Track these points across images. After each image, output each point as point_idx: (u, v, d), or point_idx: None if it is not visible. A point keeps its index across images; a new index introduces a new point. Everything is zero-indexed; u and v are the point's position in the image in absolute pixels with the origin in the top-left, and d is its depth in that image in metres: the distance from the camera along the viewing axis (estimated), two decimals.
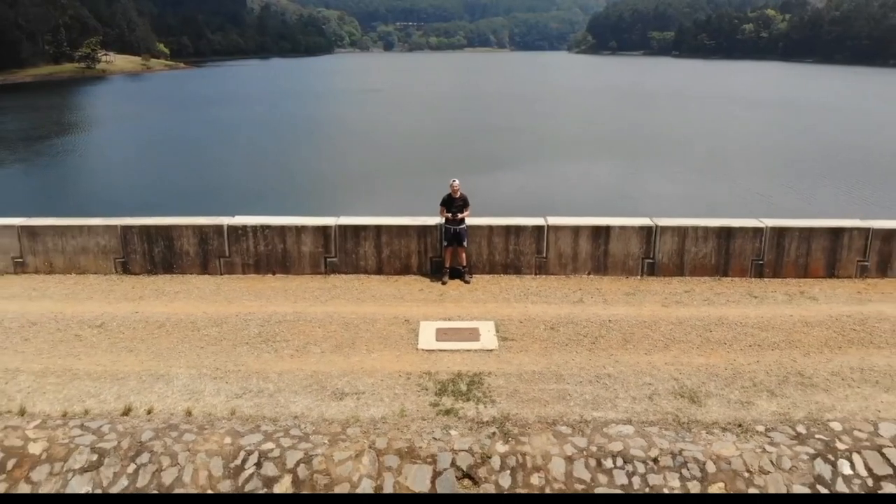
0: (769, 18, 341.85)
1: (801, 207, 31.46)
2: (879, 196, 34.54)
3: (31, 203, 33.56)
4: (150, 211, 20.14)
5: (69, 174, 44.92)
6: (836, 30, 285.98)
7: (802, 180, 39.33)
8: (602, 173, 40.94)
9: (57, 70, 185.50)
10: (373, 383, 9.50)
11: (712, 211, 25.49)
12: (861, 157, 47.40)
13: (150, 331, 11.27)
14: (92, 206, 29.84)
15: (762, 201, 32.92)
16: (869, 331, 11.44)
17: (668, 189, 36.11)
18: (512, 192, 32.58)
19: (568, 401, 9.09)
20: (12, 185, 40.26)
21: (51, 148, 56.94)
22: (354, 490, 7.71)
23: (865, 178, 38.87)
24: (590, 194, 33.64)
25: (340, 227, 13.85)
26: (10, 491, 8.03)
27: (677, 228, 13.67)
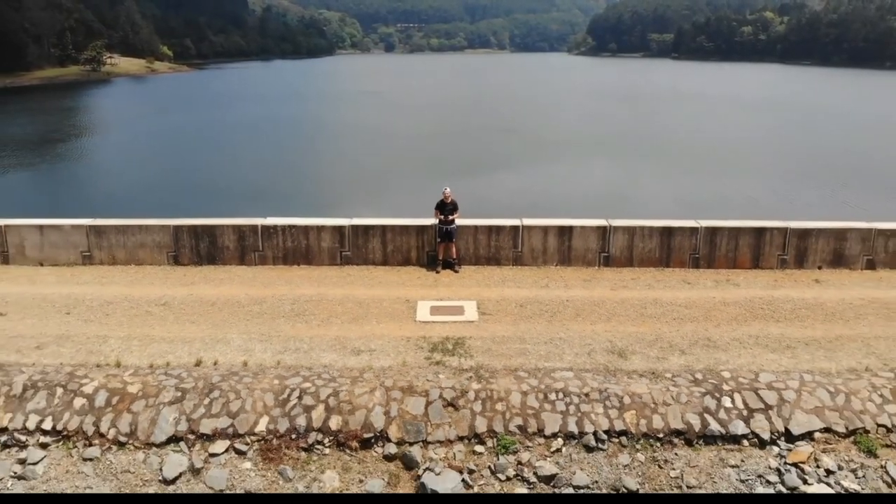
0: (767, 21, 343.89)
1: (781, 207, 34.58)
2: (856, 197, 37.73)
3: (60, 202, 36.72)
4: (169, 209, 23.25)
5: (93, 175, 48.10)
6: (833, 32, 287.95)
7: (787, 181, 42.60)
8: (586, 175, 44.14)
9: (62, 73, 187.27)
10: (381, 344, 12.55)
11: (691, 211, 28.57)
12: (848, 160, 50.76)
13: (204, 308, 14.32)
14: (115, 205, 33.07)
15: (743, 201, 36.07)
16: (773, 309, 14.47)
17: (652, 190, 39.26)
18: (497, 194, 35.82)
19: (527, 356, 12.12)
20: (50, 187, 43.55)
21: (72, 150, 60.17)
22: (367, 416, 10.72)
23: (854, 180, 42.27)
24: (570, 195, 36.79)
25: (353, 227, 16.88)
26: (116, 419, 11.02)
27: (627, 228, 16.71)
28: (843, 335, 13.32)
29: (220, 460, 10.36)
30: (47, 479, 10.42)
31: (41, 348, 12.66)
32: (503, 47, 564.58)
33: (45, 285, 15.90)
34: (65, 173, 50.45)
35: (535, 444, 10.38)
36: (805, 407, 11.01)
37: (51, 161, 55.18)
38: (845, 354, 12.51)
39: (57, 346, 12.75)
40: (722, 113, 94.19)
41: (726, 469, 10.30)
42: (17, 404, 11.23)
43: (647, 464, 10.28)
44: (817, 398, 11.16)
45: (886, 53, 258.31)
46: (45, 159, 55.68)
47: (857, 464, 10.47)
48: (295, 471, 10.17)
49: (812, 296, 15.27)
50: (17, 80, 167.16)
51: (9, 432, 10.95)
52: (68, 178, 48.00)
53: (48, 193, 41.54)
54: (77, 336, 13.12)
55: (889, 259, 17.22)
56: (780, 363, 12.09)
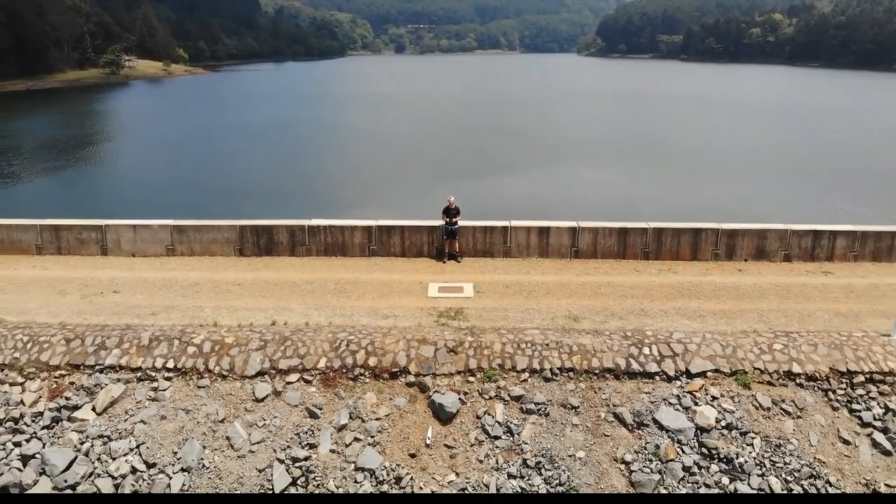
0: (776, 23, 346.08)
1: (770, 209, 39.24)
2: (843, 199, 42.39)
3: (111, 201, 41.74)
4: (201, 209, 28.06)
5: (127, 177, 53.21)
6: (841, 34, 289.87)
7: (779, 184, 47.50)
8: (577, 178, 49.02)
9: (83, 76, 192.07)
10: (403, 311, 17.29)
11: (678, 213, 33.44)
12: (843, 163, 55.64)
13: (269, 287, 19.11)
14: (143, 206, 37.99)
15: (736, 204, 40.79)
16: (698, 291, 19.12)
17: (642, 193, 44.03)
18: (494, 196, 41.14)
19: (507, 320, 16.83)
20: (88, 187, 48.66)
21: (108, 152, 65.48)
22: (394, 357, 15.42)
23: (844, 183, 47.24)
24: (561, 197, 41.86)
25: (378, 227, 21.63)
26: (219, 360, 15.74)
27: (592, 228, 21.38)
28: (745, 308, 17.97)
29: (293, 386, 15.11)
30: (174, 400, 15.18)
31: (155, 315, 17.48)
32: (513, 48, 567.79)
33: (141, 271, 20.74)
34: (101, 174, 55.67)
35: (510, 376, 15.08)
36: (702, 355, 15.65)
37: (92, 162, 60.51)
38: (742, 321, 17.16)
39: (166, 313, 17.56)
40: (724, 116, 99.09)
41: (641, 395, 14.97)
42: (147, 351, 16.01)
43: (586, 390, 14.97)
44: (712, 349, 15.80)
45: (894, 55, 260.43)
46: (91, 160, 61.08)
47: (734, 393, 15.10)
48: (346, 392, 14.92)
49: (732, 281, 19.93)
50: (38, 82, 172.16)
51: (143, 370, 15.72)
52: (105, 179, 53.18)
53: (101, 194, 46.64)
54: (179, 306, 17.93)
55: (802, 253, 21.82)
56: (690, 326, 16.74)
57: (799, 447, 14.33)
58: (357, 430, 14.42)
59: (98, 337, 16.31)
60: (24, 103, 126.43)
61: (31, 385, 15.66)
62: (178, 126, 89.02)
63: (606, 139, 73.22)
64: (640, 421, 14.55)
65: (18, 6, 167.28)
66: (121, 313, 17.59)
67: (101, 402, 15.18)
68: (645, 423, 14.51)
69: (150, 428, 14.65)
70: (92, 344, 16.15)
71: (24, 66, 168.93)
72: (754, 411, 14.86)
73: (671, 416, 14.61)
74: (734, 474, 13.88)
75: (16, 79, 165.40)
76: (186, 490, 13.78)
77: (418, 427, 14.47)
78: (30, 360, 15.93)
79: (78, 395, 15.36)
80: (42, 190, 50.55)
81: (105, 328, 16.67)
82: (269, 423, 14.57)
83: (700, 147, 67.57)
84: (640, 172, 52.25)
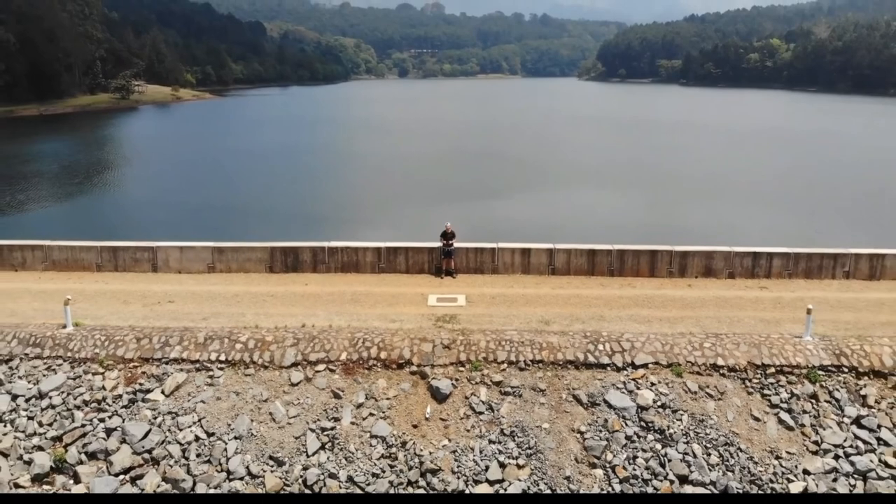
0: (774, 48, 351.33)
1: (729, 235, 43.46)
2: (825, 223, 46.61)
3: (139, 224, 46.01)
4: (223, 229, 32.21)
5: (146, 200, 57.61)
6: (838, 59, 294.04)
7: (760, 207, 51.61)
8: (566, 202, 53.32)
9: (94, 100, 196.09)
10: (407, 317, 21.35)
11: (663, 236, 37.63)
12: (834, 189, 60.08)
13: (297, 297, 23.20)
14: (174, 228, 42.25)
15: (715, 226, 44.99)
16: (650, 302, 23.16)
17: (621, 215, 48.22)
18: (486, 218, 45.39)
19: (492, 323, 20.88)
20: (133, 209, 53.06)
21: (131, 177, 70.02)
22: (401, 352, 19.42)
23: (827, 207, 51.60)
24: (548, 220, 46.10)
25: (387, 248, 25.77)
26: (261, 354, 19.76)
27: (566, 249, 25.49)
28: (687, 315, 22.01)
29: (321, 374, 19.13)
30: (226, 385, 19.19)
31: (206, 319, 21.55)
32: (514, 72, 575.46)
33: (188, 285, 24.86)
34: (125, 198, 60.17)
35: (492, 366, 19.10)
36: (645, 351, 19.66)
37: (116, 187, 65.00)
38: (682, 325, 21.18)
39: (215, 318, 21.63)
40: (715, 141, 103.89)
41: (595, 381, 18.96)
42: (203, 347, 20.04)
43: (552, 377, 18.97)
44: (653, 346, 19.81)
45: (890, 80, 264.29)
46: (115, 185, 65.63)
47: (669, 380, 19.09)
48: (362, 379, 18.94)
49: (680, 294, 23.99)
50: (51, 107, 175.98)
51: (200, 362, 19.74)
52: (127, 202, 57.63)
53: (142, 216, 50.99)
54: (225, 313, 22.02)
55: (744, 271, 25.87)
56: (639, 329, 20.77)
57: (718, 422, 18.30)
58: (371, 407, 18.43)
59: (162, 336, 20.38)
60: (40, 128, 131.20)
61: (111, 374, 19.70)
62: (194, 151, 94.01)
63: (597, 164, 78.24)
64: (593, 401, 18.55)
65: (33, 33, 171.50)
66: (178, 318, 21.67)
67: (168, 386, 19.21)
68: (597, 403, 18.51)
69: (208, 406, 18.68)
70: (158, 342, 20.22)
71: (37, 91, 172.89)
72: (684, 394, 18.85)
73: (618, 397, 18.61)
74: (665, 442, 17.85)
75: (29, 104, 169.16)
76: (238, 452, 17.75)
77: (419, 405, 18.48)
78: (108, 355, 19.98)
79: (149, 382, 19.40)
80: (74, 212, 54.99)
81: (167, 329, 20.74)
82: (303, 402, 18.59)
83: (687, 172, 72.10)
84: (625, 196, 56.87)
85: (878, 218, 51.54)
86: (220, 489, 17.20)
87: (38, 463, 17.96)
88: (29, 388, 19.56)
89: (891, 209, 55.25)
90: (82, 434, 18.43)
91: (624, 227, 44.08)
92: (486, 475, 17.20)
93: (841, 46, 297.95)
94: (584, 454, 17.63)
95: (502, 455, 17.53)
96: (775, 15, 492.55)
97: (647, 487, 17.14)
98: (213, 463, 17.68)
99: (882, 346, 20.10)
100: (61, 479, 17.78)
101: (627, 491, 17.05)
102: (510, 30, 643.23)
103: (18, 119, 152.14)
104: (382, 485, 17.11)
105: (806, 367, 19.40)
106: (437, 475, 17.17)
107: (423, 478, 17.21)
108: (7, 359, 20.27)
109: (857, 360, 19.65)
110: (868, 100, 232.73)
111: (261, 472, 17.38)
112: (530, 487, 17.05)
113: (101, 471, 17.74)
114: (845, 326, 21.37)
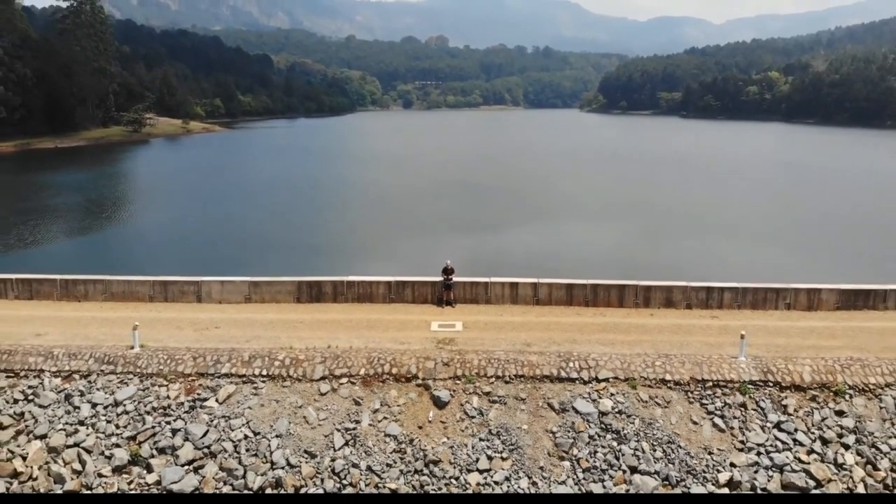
0: (772, 81, 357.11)
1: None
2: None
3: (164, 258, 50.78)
4: (248, 263, 37.03)
5: (160, 233, 62.60)
6: (836, 92, 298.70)
7: (745, 243, 56.24)
8: (554, 236, 58.16)
9: (106, 133, 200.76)
10: (413, 340, 25.99)
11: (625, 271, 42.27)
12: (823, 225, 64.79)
13: (322, 324, 27.86)
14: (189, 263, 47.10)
15: (682, 261, 49.57)
16: (616, 328, 27.76)
17: (603, 249, 53.01)
18: (480, 253, 50.20)
19: (484, 345, 25.49)
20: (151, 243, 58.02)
21: (152, 210, 75.09)
22: (408, 368, 24.00)
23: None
24: (535, 253, 50.83)
25: (396, 282, 30.48)
26: (296, 369, 24.35)
27: (549, 283, 30.14)
28: (645, 339, 26.59)
29: (344, 386, 23.71)
30: (268, 394, 23.76)
31: (248, 342, 26.20)
32: (517, 103, 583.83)
33: (230, 313, 29.54)
34: (139, 232, 65.13)
35: (483, 380, 23.67)
36: (607, 367, 24.20)
37: (134, 220, 70.05)
38: (640, 347, 25.74)
39: (256, 341, 26.28)
40: (705, 175, 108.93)
41: (566, 392, 23.49)
42: (248, 364, 24.64)
43: (531, 389, 23.51)
44: (614, 364, 24.35)
45: (887, 112, 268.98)
46: (133, 219, 70.67)
47: (626, 392, 23.60)
48: (378, 389, 23.52)
49: (643, 322, 28.60)
50: (65, 140, 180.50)
51: (246, 376, 24.33)
52: (147, 236, 62.62)
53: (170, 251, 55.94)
54: (263, 336, 26.68)
55: (700, 303, 30.45)
56: (604, 350, 25.34)
57: (663, 425, 22.81)
58: (385, 412, 23.00)
59: (214, 355, 25.02)
60: (57, 161, 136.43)
61: (173, 386, 24.31)
62: (211, 184, 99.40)
63: (584, 199, 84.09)
64: (563, 408, 23.09)
65: (49, 68, 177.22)
66: (224, 341, 26.33)
67: (221, 395, 23.81)
68: (566, 409, 23.05)
69: (254, 411, 23.25)
70: (211, 360, 24.85)
71: (52, 124, 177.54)
72: (637, 403, 23.37)
73: (583, 404, 23.14)
74: (620, 440, 22.35)
75: (44, 136, 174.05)
76: (279, 447, 22.27)
77: (424, 410, 23.04)
78: (170, 371, 24.60)
79: (205, 392, 23.99)
80: (99, 245, 59.93)
81: (217, 350, 25.39)
82: (330, 408, 23.16)
83: (668, 207, 77.14)
84: (605, 232, 62.04)
85: (852, 250, 56.24)
86: (266, 476, 21.71)
87: (118, 457, 22.48)
88: (106, 397, 24.14)
89: (865, 242, 59.89)
90: (152, 434, 22.96)
91: (601, 262, 48.90)
92: (476, 465, 21.71)
93: (838, 79, 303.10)
94: (555, 449, 22.13)
95: (490, 450, 22.04)
96: (774, 47, 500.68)
97: (604, 476, 21.62)
98: (259, 456, 22.20)
99: (804, 365, 24.62)
100: (137, 469, 22.28)
101: (589, 478, 21.54)
102: (513, 62, 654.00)
103: (35, 151, 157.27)
104: (394, 473, 21.63)
105: (738, 382, 23.91)
106: (438, 465, 21.68)
107: (426, 467, 21.72)
108: (86, 374, 24.89)
109: (782, 376, 24.17)
110: (864, 132, 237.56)
111: (298, 462, 21.91)
112: (511, 475, 21.55)
113: (169, 462, 22.26)
114: (776, 349, 25.92)
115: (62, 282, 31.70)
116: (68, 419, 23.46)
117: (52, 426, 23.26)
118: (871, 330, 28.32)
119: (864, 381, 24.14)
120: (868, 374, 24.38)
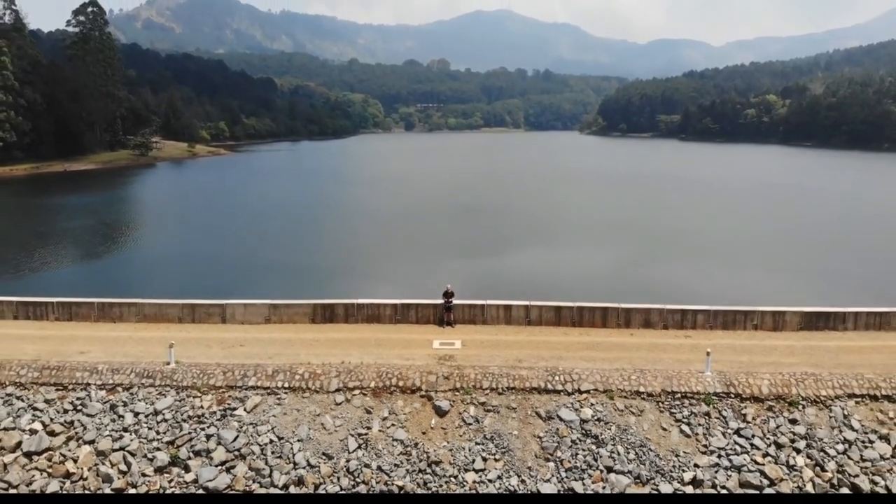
0: (770, 104, 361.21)
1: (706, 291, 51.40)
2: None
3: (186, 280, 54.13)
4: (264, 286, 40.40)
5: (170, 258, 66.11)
6: (833, 115, 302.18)
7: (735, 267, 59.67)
8: (547, 260, 61.65)
9: (114, 157, 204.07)
10: (417, 356, 29.32)
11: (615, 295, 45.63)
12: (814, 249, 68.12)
13: (336, 342, 31.21)
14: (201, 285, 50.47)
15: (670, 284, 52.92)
16: (598, 346, 31.07)
17: (593, 272, 56.44)
18: (477, 277, 53.58)
19: (480, 361, 28.79)
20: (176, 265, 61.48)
21: (165, 234, 78.69)
22: (413, 381, 27.28)
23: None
24: (527, 276, 54.23)
25: (401, 304, 33.87)
26: (314, 381, 27.65)
27: (540, 305, 33.50)
28: (623, 356, 29.89)
29: (357, 397, 27.00)
30: (290, 404, 27.03)
31: (271, 358, 29.52)
32: (517, 126, 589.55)
33: (253, 333, 32.89)
34: (149, 255, 68.69)
35: (479, 391, 26.96)
36: (588, 380, 27.48)
37: (144, 244, 73.61)
38: (618, 363, 29.03)
39: (277, 357, 29.60)
40: (697, 198, 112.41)
41: (551, 402, 26.76)
42: (271, 378, 27.94)
43: (521, 399, 26.79)
44: (595, 377, 27.63)
45: (884, 135, 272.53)
46: (144, 243, 74.22)
47: (604, 402, 26.86)
48: (387, 399, 26.81)
49: (622, 341, 31.93)
50: (74, 164, 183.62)
51: (270, 388, 27.62)
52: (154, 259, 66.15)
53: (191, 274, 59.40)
54: (284, 353, 30.01)
55: (675, 324, 33.75)
56: (586, 366, 28.64)
57: (636, 431, 26.06)
58: (393, 419, 26.29)
59: (241, 370, 28.34)
60: (67, 184, 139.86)
61: (206, 397, 27.61)
62: (222, 208, 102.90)
63: (577, 222, 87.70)
64: (549, 416, 26.37)
65: (58, 93, 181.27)
66: (250, 357, 29.66)
67: (249, 405, 27.10)
68: (552, 417, 26.32)
69: (278, 419, 26.53)
70: (239, 374, 28.17)
71: (61, 148, 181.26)
72: (614, 411, 26.64)
73: (567, 413, 26.42)
74: (598, 444, 25.60)
75: (53, 160, 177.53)
76: (301, 450, 25.51)
77: (427, 418, 26.32)
78: (203, 384, 27.92)
79: (234, 402, 27.29)
80: (117, 266, 63.41)
81: (244, 365, 28.71)
82: (344, 416, 26.44)
83: (659, 229, 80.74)
84: (593, 254, 65.53)
85: (826, 272, 59.65)
86: (290, 475, 24.94)
87: (160, 459, 25.73)
88: (147, 407, 27.43)
89: (838, 264, 63.30)
90: (189, 439, 26.22)
91: (587, 285, 52.22)
92: (473, 466, 24.95)
93: (835, 102, 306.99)
94: (542, 452, 25.37)
95: (484, 452, 25.30)
96: (772, 70, 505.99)
97: (584, 475, 24.83)
98: (283, 458, 25.44)
99: (763, 379, 27.90)
100: (176, 469, 25.51)
101: (571, 476, 24.77)
102: (513, 85, 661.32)
103: (45, 175, 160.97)
104: (401, 472, 24.88)
105: (704, 394, 27.19)
106: (439, 466, 24.93)
107: (429, 467, 24.96)
108: (128, 386, 28.19)
109: (742, 388, 27.45)
110: (861, 155, 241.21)
111: (317, 463, 25.15)
112: (503, 475, 24.78)
113: (205, 463, 25.51)
114: (739, 365, 29.21)
115: (99, 304, 35.07)
116: (114, 426, 26.72)
117: (99, 433, 26.50)
118: (828, 349, 31.61)
119: (816, 394, 27.40)
120: (820, 387, 27.64)
